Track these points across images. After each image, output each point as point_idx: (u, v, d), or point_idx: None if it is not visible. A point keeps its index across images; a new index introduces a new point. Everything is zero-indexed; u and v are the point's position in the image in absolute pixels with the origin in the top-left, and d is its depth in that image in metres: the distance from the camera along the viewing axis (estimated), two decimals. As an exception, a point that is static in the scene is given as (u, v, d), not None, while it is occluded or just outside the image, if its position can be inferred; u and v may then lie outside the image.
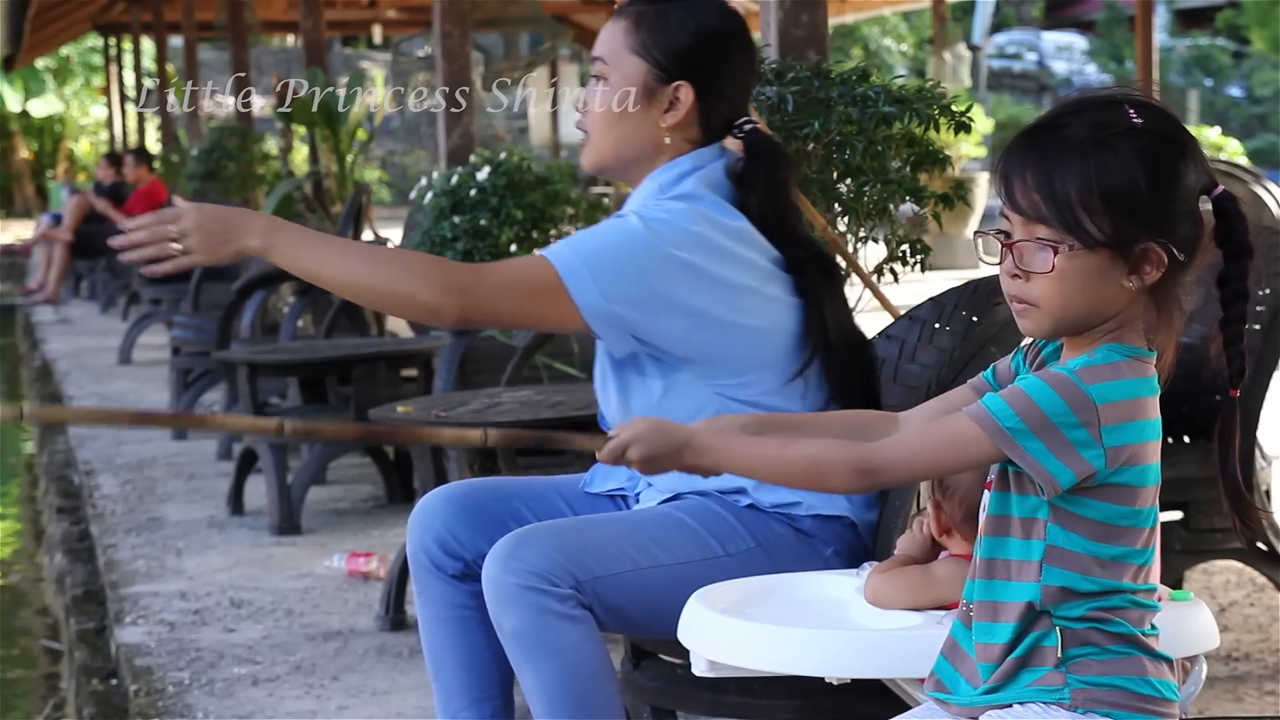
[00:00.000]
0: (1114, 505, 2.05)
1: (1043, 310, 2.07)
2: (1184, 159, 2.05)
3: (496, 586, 2.74)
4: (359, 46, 33.08)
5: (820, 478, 2.14)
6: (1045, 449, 2.01)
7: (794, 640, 2.40)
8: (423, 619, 3.02)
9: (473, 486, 3.07)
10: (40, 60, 28.18)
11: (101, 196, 16.51)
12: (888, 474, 2.12)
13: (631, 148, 2.96)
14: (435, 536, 2.98)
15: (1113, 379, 2.04)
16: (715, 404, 2.88)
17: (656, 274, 2.81)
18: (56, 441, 8.71)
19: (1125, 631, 2.07)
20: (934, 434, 2.11)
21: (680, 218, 2.84)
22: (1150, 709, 2.07)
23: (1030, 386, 2.03)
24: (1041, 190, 2.04)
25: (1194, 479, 3.96)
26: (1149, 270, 2.05)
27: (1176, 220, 2.05)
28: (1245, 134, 26.14)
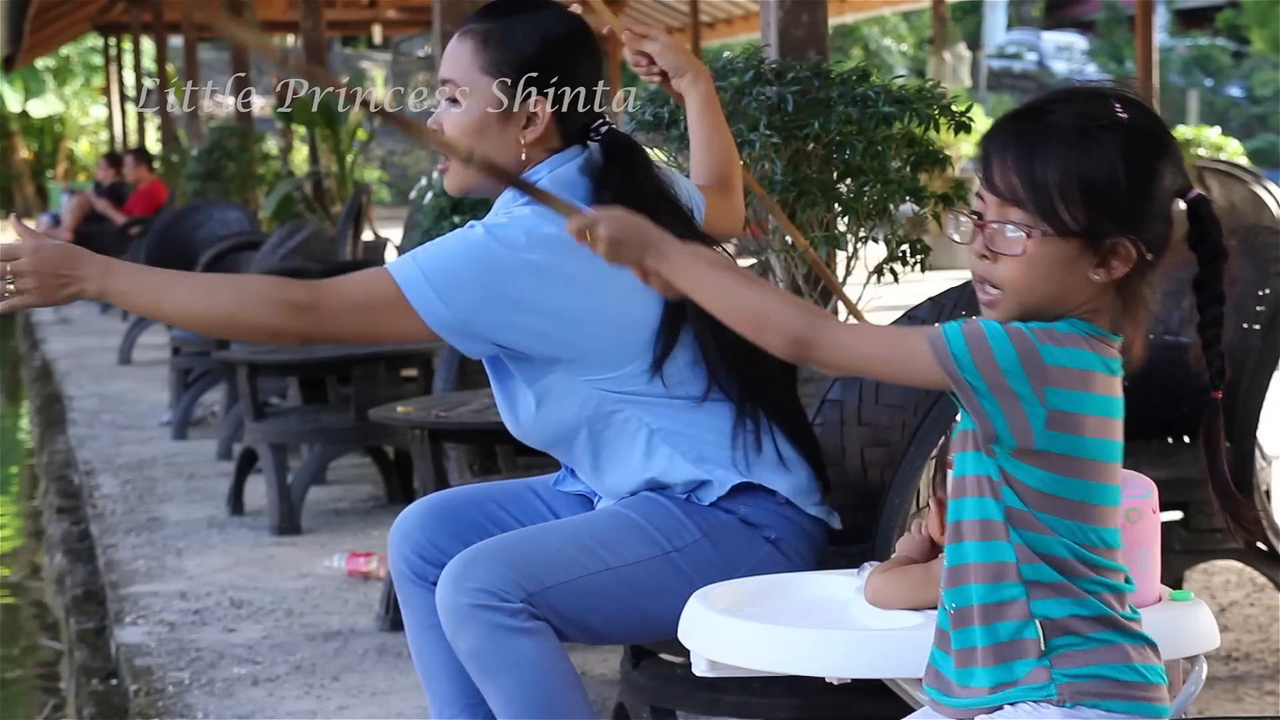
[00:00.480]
0: (1058, 475, 2.05)
1: (1007, 294, 2.07)
2: (1163, 159, 2.06)
3: (448, 609, 2.75)
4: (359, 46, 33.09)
5: (762, 327, 2.12)
6: (992, 397, 2.02)
7: (794, 640, 2.41)
8: (410, 628, 3.03)
9: (449, 496, 3.08)
10: (40, 60, 28.18)
11: (101, 197, 16.51)
12: (826, 354, 2.10)
13: None
14: (414, 547, 2.99)
15: (1068, 346, 2.04)
16: (596, 398, 2.88)
17: (501, 279, 2.79)
18: (56, 441, 8.71)
19: (1103, 613, 2.07)
20: (888, 337, 2.11)
21: (526, 220, 2.83)
22: (1138, 695, 2.07)
23: (991, 331, 2.03)
24: (1021, 174, 2.04)
25: (1194, 479, 3.94)
26: (1117, 265, 2.06)
27: (1150, 219, 2.06)
28: (1245, 134, 26.14)
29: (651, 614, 2.82)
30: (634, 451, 2.90)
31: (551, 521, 2.99)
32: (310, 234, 8.55)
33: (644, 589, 2.82)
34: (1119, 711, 2.06)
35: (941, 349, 2.03)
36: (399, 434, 5.94)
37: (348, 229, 8.93)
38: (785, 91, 3.94)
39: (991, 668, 2.10)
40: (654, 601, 2.81)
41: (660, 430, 2.88)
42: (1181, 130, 14.47)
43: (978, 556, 2.09)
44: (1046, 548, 2.06)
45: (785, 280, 4.18)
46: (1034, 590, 2.07)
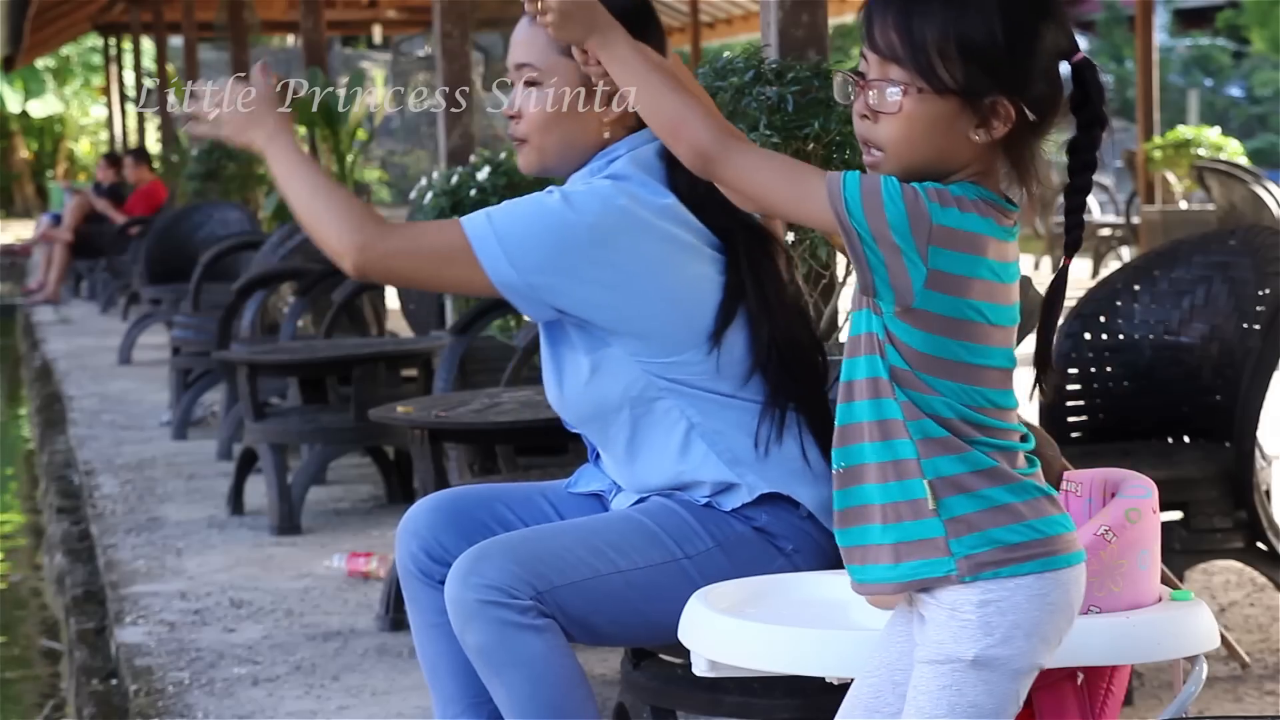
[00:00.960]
0: (939, 336, 2.06)
1: (889, 154, 2.09)
2: (1044, 19, 2.07)
3: (457, 604, 2.75)
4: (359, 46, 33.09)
5: (676, 133, 2.16)
6: (876, 249, 2.03)
7: (794, 640, 2.41)
8: (415, 626, 3.03)
9: (457, 494, 3.08)
10: (40, 60, 28.18)
11: (101, 197, 16.51)
12: (728, 172, 2.14)
13: (575, 147, 2.95)
14: (422, 544, 3.00)
15: (956, 208, 2.05)
16: (644, 381, 2.87)
17: (571, 247, 2.80)
18: (56, 441, 8.71)
19: (990, 466, 2.07)
20: (788, 172, 2.12)
21: (603, 192, 2.84)
22: (1037, 552, 2.08)
23: (887, 186, 2.04)
24: (899, 30, 2.06)
25: (1194, 479, 3.96)
26: (997, 125, 2.06)
27: (1030, 77, 2.06)
28: (1245, 134, 26.14)
29: (656, 619, 2.81)
30: (670, 443, 2.89)
31: (562, 521, 2.98)
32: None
33: (652, 593, 2.82)
34: (1025, 574, 2.07)
35: (836, 192, 2.05)
36: (399, 434, 5.94)
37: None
38: (785, 91, 3.94)
39: (889, 525, 2.11)
40: (660, 606, 2.80)
41: (699, 426, 2.88)
42: (1181, 130, 14.46)
43: (868, 415, 2.11)
44: (930, 407, 2.07)
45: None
46: (923, 447, 2.08)
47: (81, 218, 16.35)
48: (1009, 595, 2.07)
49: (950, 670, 2.09)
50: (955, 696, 2.09)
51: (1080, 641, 2.37)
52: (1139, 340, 4.23)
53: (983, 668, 2.08)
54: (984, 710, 2.09)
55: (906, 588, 2.12)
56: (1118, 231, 14.96)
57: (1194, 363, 4.16)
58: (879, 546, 2.12)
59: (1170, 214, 13.02)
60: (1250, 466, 4.02)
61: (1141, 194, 14.33)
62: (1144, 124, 14.34)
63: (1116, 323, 4.27)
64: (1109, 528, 2.42)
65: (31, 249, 19.79)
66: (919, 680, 2.12)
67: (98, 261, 15.75)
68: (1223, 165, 11.94)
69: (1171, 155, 14.00)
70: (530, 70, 2.95)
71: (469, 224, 2.82)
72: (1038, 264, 15.95)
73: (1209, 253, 4.22)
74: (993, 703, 2.09)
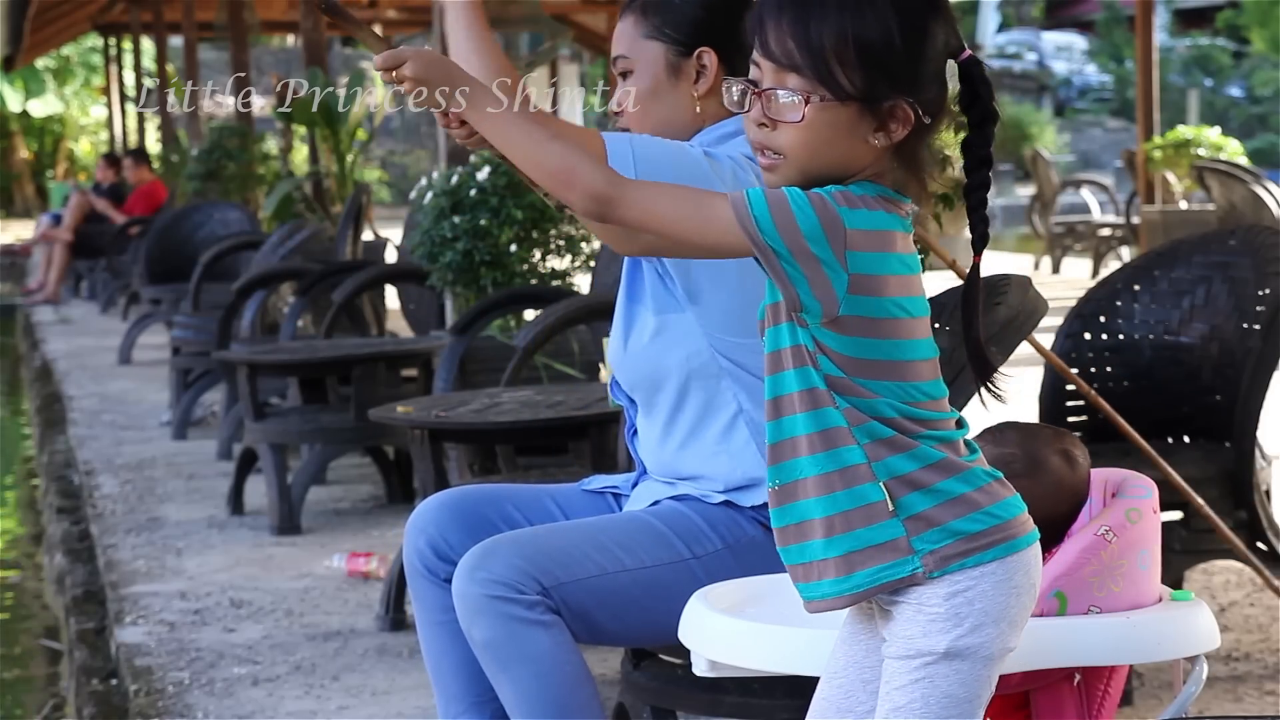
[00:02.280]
0: (868, 339, 2.05)
1: (789, 160, 2.07)
2: (936, 18, 2.06)
3: (464, 598, 2.75)
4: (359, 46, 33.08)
5: (567, 181, 2.10)
6: (795, 264, 2.02)
7: (794, 640, 2.41)
8: (420, 624, 3.03)
9: (466, 492, 3.07)
10: (40, 60, 28.17)
11: (101, 197, 16.51)
12: (628, 211, 2.09)
13: (673, 126, 2.95)
14: (429, 541, 2.99)
15: (864, 208, 2.04)
16: (706, 355, 2.86)
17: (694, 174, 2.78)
18: (56, 441, 8.71)
19: (940, 459, 2.06)
20: (689, 197, 2.09)
21: (733, 162, 2.84)
22: (997, 538, 2.07)
23: (793, 197, 2.02)
24: (796, 38, 2.04)
25: (1194, 479, 3.96)
26: (896, 128, 2.06)
27: (925, 80, 2.06)
28: (1245, 134, 26.14)
29: (660, 618, 2.81)
30: (715, 423, 2.89)
31: (570, 520, 2.98)
32: (310, 234, 8.55)
33: (658, 593, 2.81)
34: (986, 561, 2.06)
35: (744, 212, 2.02)
36: (399, 434, 5.94)
37: (348, 229, 8.93)
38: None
39: (837, 536, 2.09)
40: (665, 606, 2.79)
41: (748, 414, 2.87)
42: (1181, 130, 14.46)
43: (806, 427, 2.08)
44: (873, 409, 2.06)
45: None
46: (872, 450, 2.06)
47: (81, 218, 16.35)
48: (975, 584, 2.06)
49: (922, 664, 2.08)
50: (928, 689, 2.08)
51: (1080, 641, 2.37)
52: (1139, 340, 4.23)
53: (955, 658, 2.07)
54: (958, 699, 2.08)
55: (866, 595, 2.10)
56: (1118, 231, 14.97)
57: (1194, 363, 4.16)
58: (824, 561, 2.10)
59: (1170, 214, 13.02)
60: (1250, 466, 4.02)
61: (1141, 194, 14.33)
62: (1144, 124, 14.33)
63: (1116, 323, 4.27)
64: (1109, 528, 2.42)
65: (31, 249, 19.78)
66: (890, 675, 2.11)
67: (98, 261, 15.75)
68: (1223, 165, 11.93)
69: (1171, 155, 13.99)
70: (622, 61, 2.99)
71: (609, 137, 2.77)
72: (1037, 264, 15.96)
73: (1209, 253, 4.22)
74: (966, 691, 2.08)
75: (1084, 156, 30.41)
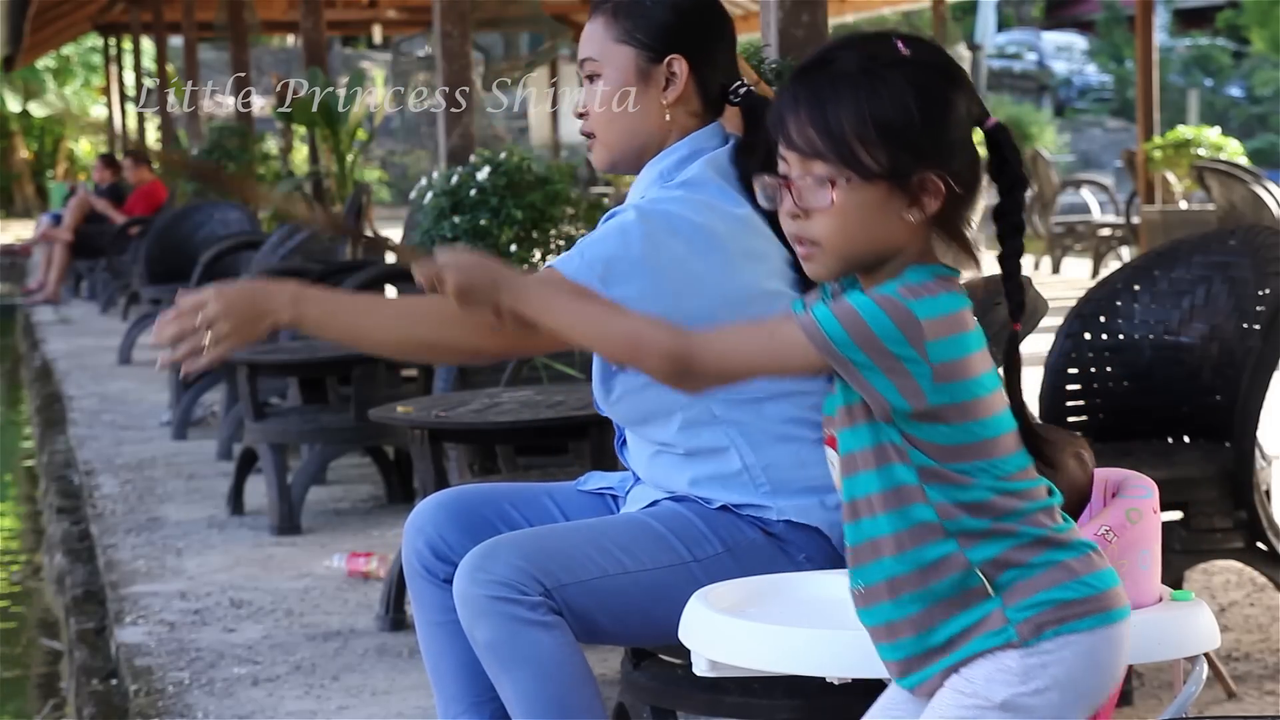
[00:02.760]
0: (957, 424, 2.04)
1: (826, 249, 2.07)
2: (955, 89, 2.06)
3: (466, 599, 2.75)
4: (359, 46, 33.07)
5: (637, 352, 2.11)
6: (876, 369, 2.01)
7: (794, 640, 2.40)
8: (419, 624, 3.03)
9: (464, 492, 3.07)
10: (40, 60, 28.17)
11: (102, 197, 16.51)
12: (704, 367, 2.10)
13: (639, 136, 2.94)
14: (427, 541, 2.99)
15: (929, 295, 2.03)
16: (698, 405, 2.86)
17: (660, 263, 2.79)
18: (56, 441, 8.71)
19: (1038, 536, 2.05)
20: (758, 335, 2.09)
21: (681, 206, 2.83)
22: (1093, 608, 2.06)
23: (861, 305, 2.02)
24: (816, 125, 2.04)
25: (1194, 479, 3.96)
26: (928, 201, 2.05)
27: (952, 150, 2.05)
28: (1245, 134, 26.12)
29: (660, 620, 2.81)
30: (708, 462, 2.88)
31: (571, 521, 2.98)
32: (310, 234, 8.55)
33: (658, 595, 2.81)
34: (1081, 630, 2.05)
35: (815, 333, 2.02)
36: (399, 434, 5.94)
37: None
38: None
39: (933, 628, 2.08)
40: (665, 609, 2.79)
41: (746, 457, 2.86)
42: (1181, 130, 14.46)
43: (891, 527, 2.07)
44: (968, 496, 2.05)
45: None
46: (964, 540, 2.05)
47: (81, 218, 16.34)
48: (1057, 650, 2.05)
49: (975, 706, 2.06)
50: None
51: (1080, 641, 2.37)
52: (1139, 340, 4.23)
53: (1009, 712, 2.05)
54: None
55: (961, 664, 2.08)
56: (1118, 231, 14.96)
57: (1194, 363, 4.16)
58: (924, 654, 2.10)
59: (1170, 214, 13.02)
60: (1250, 466, 4.02)
61: (1141, 194, 14.33)
62: (1144, 124, 14.34)
63: (1116, 323, 4.27)
64: (1109, 528, 2.42)
65: (31, 249, 19.78)
66: (940, 702, 2.09)
67: (98, 261, 15.75)
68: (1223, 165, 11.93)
69: (1171, 155, 13.99)
70: (590, 63, 2.97)
71: (563, 265, 2.78)
72: (1037, 264, 15.94)
73: (1209, 253, 4.21)
74: None
75: (1084, 156, 30.39)
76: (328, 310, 2.73)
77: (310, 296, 2.71)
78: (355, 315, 2.76)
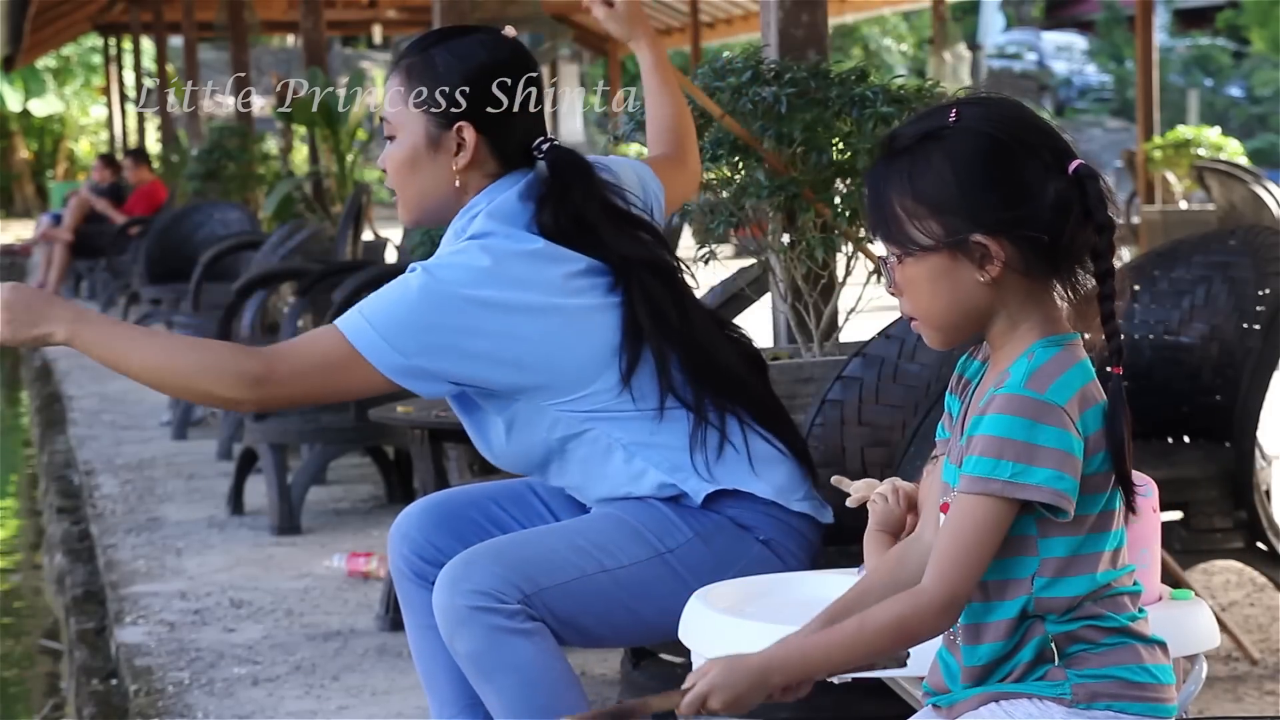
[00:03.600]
0: (1098, 494, 2.06)
1: (922, 320, 2.11)
2: (1000, 150, 2.06)
3: (446, 611, 2.76)
4: (359, 46, 33.08)
5: (909, 634, 2.08)
6: (1049, 471, 2.00)
7: (794, 640, 2.40)
8: (410, 628, 3.03)
9: (449, 495, 3.08)
10: (40, 60, 28.17)
11: (102, 197, 16.51)
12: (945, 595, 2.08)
13: (433, 198, 2.95)
14: (414, 547, 3.00)
15: (1059, 375, 2.04)
16: (564, 420, 2.88)
17: (448, 320, 2.80)
18: (56, 441, 8.71)
19: (1118, 624, 2.07)
20: (955, 537, 2.06)
21: (465, 256, 2.84)
22: (1150, 696, 2.07)
23: (997, 426, 2.02)
24: (873, 208, 2.12)
25: (1194, 479, 3.96)
26: (992, 261, 2.05)
27: (1000, 207, 2.05)
28: (1245, 134, 26.14)
29: (646, 616, 2.82)
30: (610, 465, 2.91)
31: (546, 525, 2.99)
32: (310, 234, 8.55)
33: (638, 590, 2.83)
34: (1131, 713, 2.06)
35: (990, 485, 2.01)
36: (399, 434, 5.94)
37: (348, 229, 8.93)
38: (781, 92, 3.94)
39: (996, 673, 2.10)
40: (648, 603, 2.81)
41: (632, 444, 2.89)
42: (1181, 130, 14.46)
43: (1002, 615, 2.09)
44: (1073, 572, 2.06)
45: (785, 280, 4.18)
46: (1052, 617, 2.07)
47: (81, 218, 16.34)
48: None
49: None
50: None
51: (1080, 641, 2.37)
52: (1139, 340, 4.23)
53: None
54: None
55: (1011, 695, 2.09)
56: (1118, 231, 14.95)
57: (1194, 363, 4.16)
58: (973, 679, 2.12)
59: (1170, 214, 13.03)
60: (1250, 466, 4.02)
61: (1141, 194, 14.33)
62: (1144, 124, 14.34)
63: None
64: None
65: (31, 249, 19.78)
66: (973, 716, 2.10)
67: (98, 261, 15.75)
68: (1223, 165, 11.94)
69: (1171, 155, 14.00)
70: (387, 124, 2.97)
71: (345, 325, 2.81)
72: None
73: (1209, 253, 4.22)
74: None
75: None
76: (101, 336, 2.80)
77: (90, 320, 2.80)
78: (126, 343, 2.82)
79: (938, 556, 2.06)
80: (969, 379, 2.16)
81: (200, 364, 2.79)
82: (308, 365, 2.80)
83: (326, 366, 2.80)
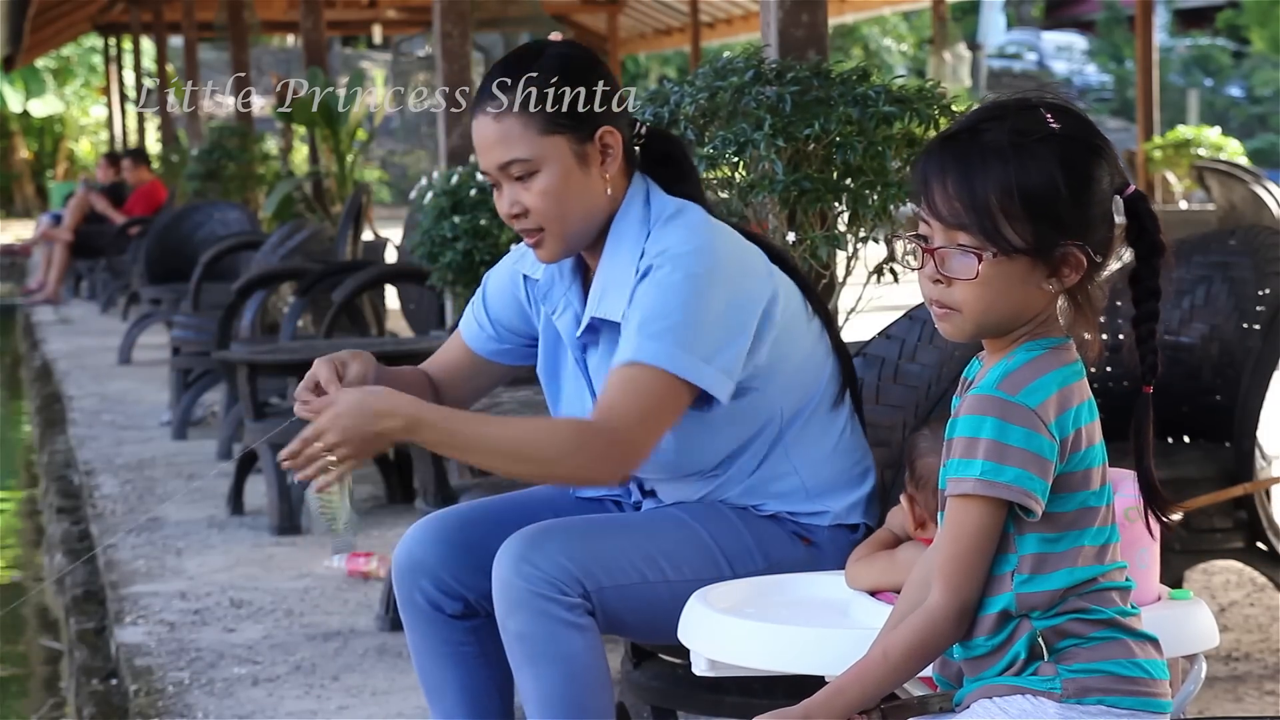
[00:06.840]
0: (1075, 493, 2.07)
1: (965, 315, 2.08)
2: (1099, 162, 2.07)
3: (506, 588, 2.73)
4: (359, 46, 33.08)
5: (932, 650, 2.10)
6: (1018, 470, 2.02)
7: (794, 640, 2.41)
8: (417, 653, 2.97)
9: (461, 519, 2.99)
10: (40, 60, 28.17)
11: (102, 195, 16.51)
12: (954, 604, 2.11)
13: (593, 215, 2.87)
14: (433, 580, 2.93)
15: (1034, 378, 2.05)
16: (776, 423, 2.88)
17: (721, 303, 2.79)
18: (56, 441, 8.71)
19: (1105, 617, 2.07)
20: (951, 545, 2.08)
21: (695, 238, 2.82)
22: (1141, 690, 2.07)
23: (967, 427, 2.04)
24: (962, 197, 2.05)
25: (1194, 479, 3.96)
26: (1068, 273, 2.07)
27: (1094, 222, 2.07)
28: (1245, 134, 26.13)
29: None
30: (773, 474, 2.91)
31: (617, 518, 2.95)
32: (310, 234, 8.55)
33: None
34: (1122, 707, 2.06)
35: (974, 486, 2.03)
36: (399, 434, 5.93)
37: (348, 229, 8.93)
38: (784, 91, 3.94)
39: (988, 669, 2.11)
40: None
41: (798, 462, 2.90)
42: (1181, 130, 14.46)
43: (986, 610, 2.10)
44: (1055, 567, 2.07)
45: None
46: (1037, 612, 2.08)
47: (81, 218, 16.34)
48: (1096, 717, 2.06)
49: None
50: None
51: (1080, 641, 2.37)
52: (1139, 340, 4.23)
53: None
54: None
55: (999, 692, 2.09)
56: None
57: (1194, 363, 4.16)
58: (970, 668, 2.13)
59: (1170, 214, 13.02)
60: (1250, 466, 4.02)
61: (1141, 194, 14.32)
62: (1144, 124, 14.34)
63: (1116, 323, 4.27)
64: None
65: (31, 249, 19.78)
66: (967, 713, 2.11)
67: (98, 261, 15.75)
68: (1223, 165, 11.93)
69: (1171, 155, 14.00)
70: (519, 165, 2.84)
71: (656, 359, 2.74)
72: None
73: (1209, 253, 4.22)
74: None
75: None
76: (444, 434, 2.72)
77: (427, 421, 2.70)
78: (470, 432, 2.73)
79: (939, 567, 2.09)
80: (970, 380, 2.17)
81: (555, 446, 2.72)
82: (650, 412, 2.74)
83: (667, 407, 2.75)
